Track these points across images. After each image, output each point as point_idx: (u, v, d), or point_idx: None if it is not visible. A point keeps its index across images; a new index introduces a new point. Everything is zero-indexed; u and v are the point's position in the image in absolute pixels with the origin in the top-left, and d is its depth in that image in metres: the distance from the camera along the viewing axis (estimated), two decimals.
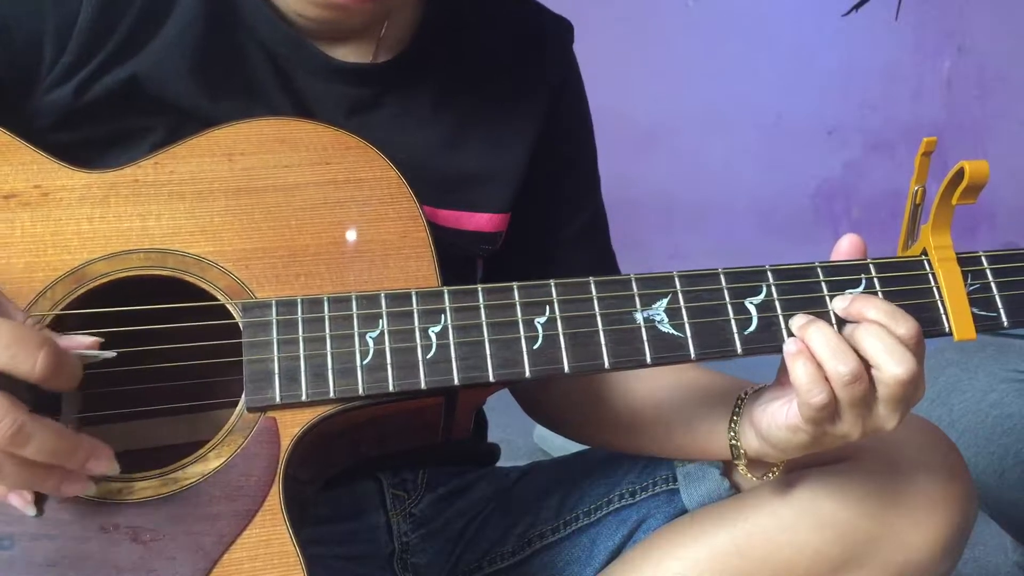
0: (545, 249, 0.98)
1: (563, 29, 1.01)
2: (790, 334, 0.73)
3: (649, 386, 0.92)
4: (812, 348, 0.71)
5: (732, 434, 0.82)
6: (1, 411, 0.58)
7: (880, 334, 0.70)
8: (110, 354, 0.67)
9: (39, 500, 0.66)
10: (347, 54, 0.88)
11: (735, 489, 0.93)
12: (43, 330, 0.66)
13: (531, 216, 0.96)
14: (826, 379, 0.70)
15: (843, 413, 0.71)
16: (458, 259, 0.91)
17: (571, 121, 1.00)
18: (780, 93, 2.70)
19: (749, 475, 0.84)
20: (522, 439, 2.12)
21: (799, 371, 0.70)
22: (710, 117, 2.65)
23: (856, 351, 0.70)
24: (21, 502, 0.65)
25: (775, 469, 0.84)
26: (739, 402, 0.82)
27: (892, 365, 0.69)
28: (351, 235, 0.75)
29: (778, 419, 0.75)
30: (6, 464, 0.60)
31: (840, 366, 0.69)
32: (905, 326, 0.70)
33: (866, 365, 0.70)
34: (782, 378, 0.78)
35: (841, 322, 0.73)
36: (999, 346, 1.40)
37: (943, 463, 0.87)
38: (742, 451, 0.82)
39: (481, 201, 0.92)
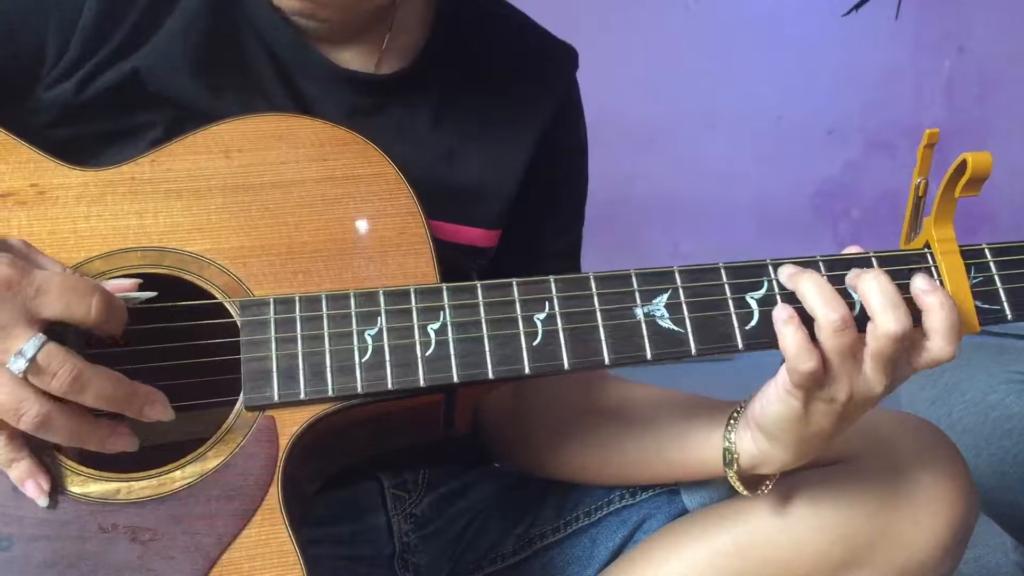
0: (525, 267, 0.98)
1: (567, 55, 1.02)
2: (780, 286, 0.73)
3: (630, 400, 0.93)
4: (803, 294, 0.70)
5: (728, 433, 0.81)
6: (59, 359, 0.61)
7: (885, 284, 0.70)
8: (151, 294, 0.69)
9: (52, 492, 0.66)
10: (350, 59, 0.88)
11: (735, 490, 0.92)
12: (86, 276, 0.67)
13: (516, 234, 0.97)
14: (815, 347, 0.69)
15: (832, 368, 0.70)
16: (451, 273, 0.91)
17: (566, 147, 1.01)
18: (780, 93, 2.70)
19: (741, 488, 0.82)
20: None
21: (789, 337, 0.70)
22: (710, 117, 2.65)
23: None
24: (36, 491, 0.65)
25: (767, 483, 0.83)
26: (739, 407, 0.82)
27: (888, 321, 0.69)
28: (362, 225, 0.75)
29: (769, 393, 0.74)
30: (58, 416, 0.62)
31: (831, 313, 0.69)
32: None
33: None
34: None
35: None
36: (999, 347, 1.40)
37: (943, 463, 0.86)
38: (735, 456, 0.80)
39: (476, 216, 0.92)
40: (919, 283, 0.72)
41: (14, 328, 0.61)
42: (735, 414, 0.81)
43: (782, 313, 0.71)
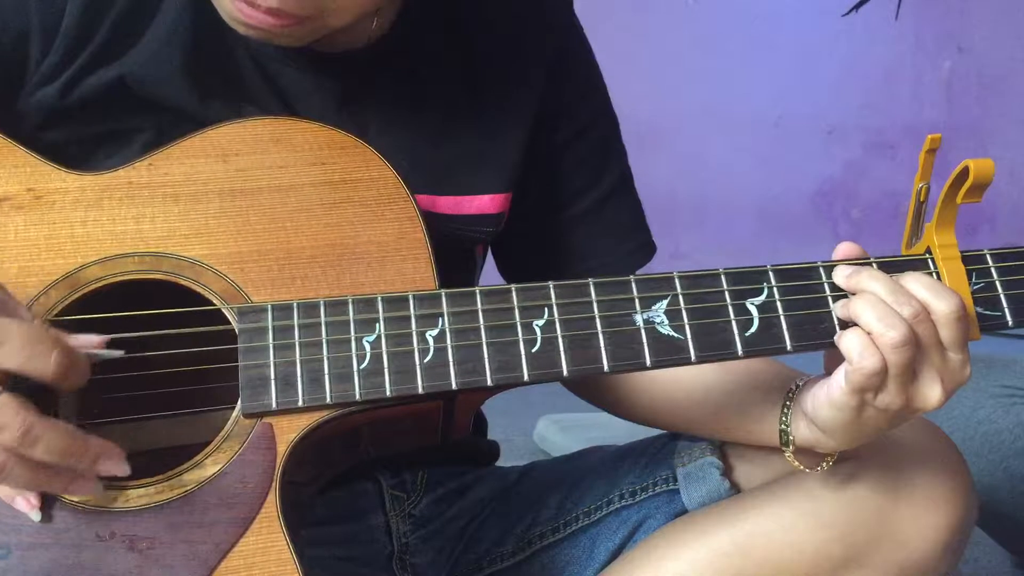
0: (554, 226, 0.96)
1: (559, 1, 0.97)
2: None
3: (697, 370, 0.91)
4: (857, 313, 0.71)
5: (784, 419, 0.81)
6: (11, 412, 0.59)
7: (873, 301, 0.70)
8: (118, 353, 0.67)
9: (44, 505, 0.65)
10: (331, 44, 0.86)
11: (735, 489, 0.92)
12: (51, 329, 0.65)
13: (536, 194, 0.94)
14: (876, 345, 0.69)
15: (889, 377, 0.70)
16: (458, 250, 0.90)
17: (574, 91, 0.96)
18: (780, 93, 2.70)
19: (798, 464, 0.83)
20: (522, 439, 2.12)
21: (850, 339, 0.70)
22: (710, 117, 2.65)
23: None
24: (27, 506, 0.65)
25: (828, 459, 0.83)
26: (790, 393, 0.82)
27: (885, 328, 0.69)
28: (372, 251, 0.74)
29: (819, 397, 0.74)
30: (15, 466, 0.60)
31: (888, 331, 0.69)
32: (907, 306, 0.70)
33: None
34: (829, 367, 0.77)
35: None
36: (986, 362, 1.42)
37: (943, 462, 0.86)
38: (791, 438, 0.81)
39: (479, 183, 0.90)
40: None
41: None
42: (790, 394, 0.81)
43: (840, 334, 0.72)
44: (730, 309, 0.72)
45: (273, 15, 0.72)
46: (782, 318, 0.73)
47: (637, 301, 0.72)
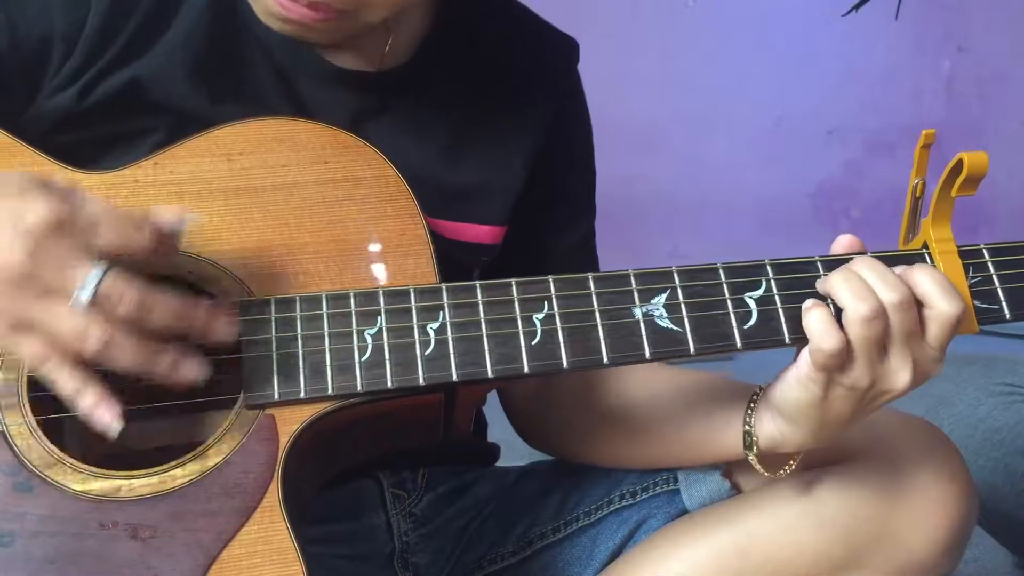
0: (536, 264, 0.97)
1: (568, 47, 1.01)
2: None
3: (652, 387, 0.92)
4: (831, 286, 0.72)
5: (747, 417, 0.81)
6: (123, 284, 0.61)
7: (848, 276, 0.72)
8: (193, 216, 0.69)
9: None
10: (350, 61, 0.88)
11: (736, 490, 0.93)
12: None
13: (525, 230, 0.96)
14: (839, 329, 0.70)
15: (855, 354, 0.71)
16: (455, 271, 0.90)
17: (570, 142, 1.00)
18: (780, 93, 2.70)
19: (761, 469, 0.83)
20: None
21: (812, 319, 0.71)
22: (710, 117, 2.65)
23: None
24: (110, 415, 0.64)
25: (790, 463, 0.83)
26: (758, 389, 0.82)
27: (856, 302, 0.70)
28: (374, 247, 0.75)
29: (788, 378, 0.75)
30: (123, 338, 0.62)
31: (860, 304, 0.70)
32: (895, 291, 0.71)
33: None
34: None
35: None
36: (987, 360, 1.42)
37: (943, 463, 0.86)
38: (755, 439, 0.81)
39: (481, 213, 0.92)
40: (897, 269, 0.73)
41: (74, 264, 0.61)
42: (754, 397, 0.82)
43: (808, 303, 0.73)
44: (729, 302, 0.73)
45: (313, 8, 0.74)
46: (780, 311, 0.73)
47: (636, 294, 0.73)
